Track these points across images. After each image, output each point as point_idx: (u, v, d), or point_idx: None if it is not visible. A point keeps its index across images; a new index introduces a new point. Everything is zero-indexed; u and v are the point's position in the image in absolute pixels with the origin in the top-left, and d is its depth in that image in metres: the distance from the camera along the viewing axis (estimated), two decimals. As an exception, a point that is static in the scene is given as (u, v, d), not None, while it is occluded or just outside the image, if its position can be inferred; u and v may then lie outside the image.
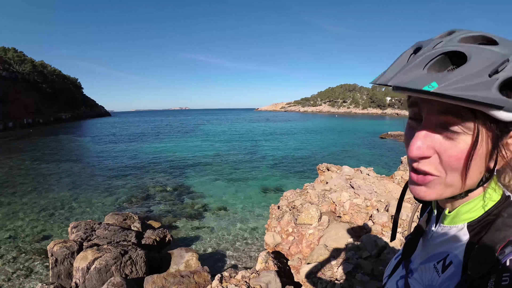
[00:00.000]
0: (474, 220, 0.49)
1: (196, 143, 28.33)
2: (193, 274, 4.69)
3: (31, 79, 69.51)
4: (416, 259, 0.60)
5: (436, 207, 0.59)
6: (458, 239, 0.50)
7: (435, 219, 0.58)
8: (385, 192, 4.48)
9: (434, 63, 0.42)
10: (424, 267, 0.56)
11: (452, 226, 0.52)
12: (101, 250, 5.07)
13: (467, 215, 0.50)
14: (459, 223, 0.51)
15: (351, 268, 2.75)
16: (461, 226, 0.51)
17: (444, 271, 0.50)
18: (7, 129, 46.50)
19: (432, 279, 0.52)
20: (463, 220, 0.50)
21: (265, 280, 3.16)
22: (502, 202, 0.48)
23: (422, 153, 0.45)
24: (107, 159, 19.52)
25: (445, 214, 0.54)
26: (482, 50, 0.40)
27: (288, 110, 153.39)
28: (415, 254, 0.62)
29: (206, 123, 65.48)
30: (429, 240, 0.58)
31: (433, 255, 0.55)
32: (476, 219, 0.49)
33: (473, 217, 0.49)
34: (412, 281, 0.58)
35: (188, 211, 9.74)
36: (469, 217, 0.50)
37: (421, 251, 0.60)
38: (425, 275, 0.55)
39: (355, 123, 58.30)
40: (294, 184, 11.73)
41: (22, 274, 6.08)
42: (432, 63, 0.42)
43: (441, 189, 0.47)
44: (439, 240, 0.55)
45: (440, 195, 0.47)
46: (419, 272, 0.57)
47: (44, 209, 9.93)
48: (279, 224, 4.10)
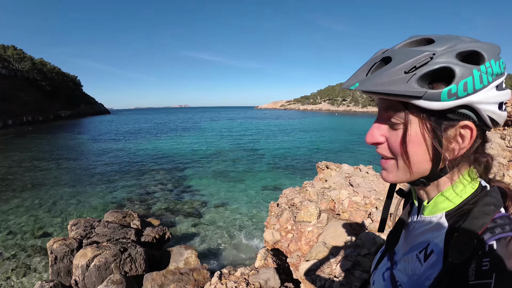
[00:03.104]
0: (452, 209, 0.51)
1: (195, 140, 28.31)
2: (193, 271, 4.71)
3: (31, 77, 69.36)
4: (400, 251, 0.62)
5: (417, 199, 0.60)
6: (437, 228, 0.52)
7: (416, 211, 0.60)
8: (384, 190, 4.48)
9: (374, 68, 0.51)
10: (407, 257, 0.57)
11: (432, 216, 0.54)
12: (101, 248, 5.08)
13: (444, 204, 0.52)
14: (437, 212, 0.53)
15: (350, 265, 2.75)
16: (439, 215, 0.53)
17: (426, 260, 0.51)
18: (6, 127, 46.45)
19: (415, 268, 0.54)
20: (441, 210, 0.52)
21: (264, 277, 3.17)
22: (479, 192, 0.51)
23: (374, 139, 0.54)
24: (106, 156, 19.52)
25: (424, 205, 0.56)
26: (407, 51, 0.48)
27: (288, 108, 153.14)
28: (398, 245, 0.64)
29: (205, 121, 65.40)
30: (411, 231, 0.60)
31: (414, 245, 0.56)
32: (453, 208, 0.51)
33: (450, 206, 0.52)
34: (396, 272, 0.59)
35: (188, 209, 9.76)
36: (446, 206, 0.52)
37: (404, 242, 0.62)
38: (408, 265, 0.56)
39: (354, 121, 58.27)
40: (293, 182, 11.76)
41: (21, 272, 6.09)
42: (373, 68, 0.51)
43: (395, 172, 0.53)
44: (420, 230, 0.56)
45: (395, 177, 0.54)
46: (403, 263, 0.58)
47: (43, 207, 9.94)
48: (278, 221, 4.11)
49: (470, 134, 0.47)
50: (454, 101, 0.44)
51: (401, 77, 0.46)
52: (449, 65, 0.44)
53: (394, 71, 0.46)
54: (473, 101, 0.45)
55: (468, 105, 0.45)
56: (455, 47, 0.45)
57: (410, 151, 0.49)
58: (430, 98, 0.44)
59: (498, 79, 0.45)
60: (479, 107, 0.45)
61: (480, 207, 0.47)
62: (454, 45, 0.45)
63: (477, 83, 0.44)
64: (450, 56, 0.45)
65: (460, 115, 0.46)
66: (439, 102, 0.44)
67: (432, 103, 0.45)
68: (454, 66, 0.44)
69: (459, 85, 0.44)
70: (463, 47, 0.45)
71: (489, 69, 0.44)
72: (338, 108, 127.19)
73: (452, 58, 0.44)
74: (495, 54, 0.46)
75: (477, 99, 0.44)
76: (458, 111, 0.46)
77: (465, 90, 0.44)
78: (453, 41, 0.46)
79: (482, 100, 0.45)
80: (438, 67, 0.44)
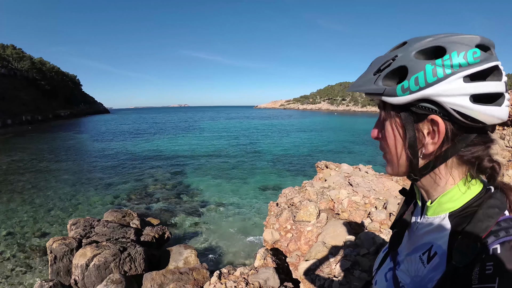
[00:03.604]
0: (455, 210, 0.51)
1: (195, 140, 28.30)
2: (192, 270, 4.71)
3: (30, 76, 69.15)
4: (403, 251, 0.62)
5: (420, 199, 0.60)
6: (440, 230, 0.52)
7: (420, 211, 0.60)
8: (384, 189, 4.48)
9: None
10: (410, 258, 0.57)
11: (435, 217, 0.54)
12: (100, 247, 5.08)
13: (448, 205, 0.52)
14: (441, 213, 0.53)
15: (349, 265, 2.76)
16: (443, 216, 0.52)
17: (429, 262, 0.51)
18: (6, 126, 46.31)
19: (418, 269, 0.54)
20: (445, 210, 0.52)
21: (264, 276, 3.17)
22: (483, 193, 0.50)
23: (374, 135, 0.59)
24: (106, 156, 19.50)
25: (428, 205, 0.56)
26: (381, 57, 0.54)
27: (287, 107, 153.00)
28: (401, 246, 0.64)
29: (205, 120, 65.36)
30: (414, 232, 0.60)
31: (418, 246, 0.56)
32: (457, 209, 0.51)
33: (454, 207, 0.51)
34: (399, 273, 0.60)
35: (187, 208, 9.76)
36: (450, 207, 0.52)
37: (407, 242, 0.62)
38: (411, 266, 0.56)
39: (354, 121, 58.29)
40: (293, 182, 11.75)
41: (21, 271, 6.09)
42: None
43: (391, 166, 0.57)
44: (423, 231, 0.56)
45: (391, 170, 0.57)
46: (406, 264, 0.58)
47: (43, 206, 9.94)
48: (278, 221, 4.11)
49: (437, 127, 0.47)
50: (409, 96, 0.47)
51: (370, 78, 0.53)
52: (403, 63, 0.49)
53: (367, 74, 0.55)
54: (430, 94, 0.45)
55: (428, 99, 0.46)
56: (415, 46, 0.49)
57: (390, 145, 0.54)
58: (388, 94, 0.50)
59: (465, 71, 0.44)
60: (439, 100, 0.45)
61: (485, 209, 0.46)
62: (414, 44, 0.49)
63: (429, 76, 0.45)
64: (407, 55, 0.49)
65: (425, 109, 0.48)
66: (396, 97, 0.49)
67: (392, 98, 0.50)
68: (407, 63, 0.48)
69: (411, 80, 0.47)
70: (422, 44, 0.48)
71: (446, 61, 0.45)
72: (337, 107, 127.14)
73: (409, 57, 0.48)
74: (464, 45, 0.45)
75: (434, 92, 0.45)
76: (419, 105, 0.48)
77: (416, 84, 0.46)
78: (417, 41, 0.49)
79: (441, 93, 0.45)
80: (396, 67, 0.50)
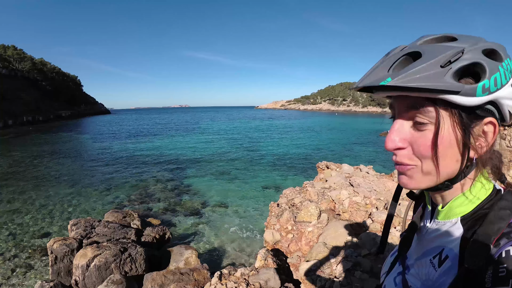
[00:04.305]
0: (467, 214, 0.50)
1: (195, 140, 28.31)
2: (193, 271, 4.70)
3: (31, 77, 69.38)
4: (412, 255, 0.61)
5: (430, 203, 0.59)
6: (452, 234, 0.51)
7: (430, 215, 0.59)
8: (385, 190, 4.47)
9: (398, 64, 0.47)
10: (420, 262, 0.56)
11: (446, 221, 0.53)
12: (101, 248, 5.08)
13: (460, 209, 0.51)
14: (452, 217, 0.52)
15: (350, 266, 2.75)
16: (454, 220, 0.52)
17: (441, 266, 0.51)
18: (7, 127, 46.46)
19: (428, 273, 0.53)
20: (456, 215, 0.51)
21: (264, 277, 3.16)
22: (493, 195, 0.50)
23: (395, 145, 0.49)
24: (106, 156, 19.52)
25: (439, 210, 0.55)
26: (436, 46, 0.46)
27: (288, 108, 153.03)
28: (410, 250, 0.63)
29: (206, 121, 65.39)
30: (424, 236, 0.59)
31: (428, 250, 0.55)
32: (468, 213, 0.50)
33: (465, 211, 0.51)
34: (409, 277, 0.59)
35: (188, 209, 9.76)
36: (461, 211, 0.51)
37: (416, 247, 0.61)
38: (421, 271, 0.55)
39: (355, 121, 58.25)
40: (294, 182, 11.74)
41: (21, 272, 6.09)
42: (396, 64, 0.47)
43: (420, 178, 0.49)
44: (433, 235, 0.55)
45: (420, 183, 0.50)
46: (416, 268, 0.58)
47: (43, 207, 9.95)
48: (279, 221, 4.10)
49: (493, 130, 0.46)
50: (486, 96, 0.44)
51: (437, 71, 0.43)
52: (479, 60, 0.44)
53: (428, 65, 0.44)
54: (500, 97, 0.45)
55: (494, 101, 0.45)
56: (478, 45, 0.45)
57: (441, 152, 0.46)
58: (466, 93, 0.43)
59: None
60: (502, 102, 0.45)
61: (496, 211, 0.46)
62: (477, 43, 0.45)
63: (503, 78, 0.44)
64: (477, 52, 0.44)
65: (486, 111, 0.46)
66: (474, 98, 0.43)
67: (468, 98, 0.43)
68: (484, 61, 0.44)
69: (491, 80, 0.43)
70: (484, 45, 0.45)
71: (508, 66, 0.45)
72: (338, 108, 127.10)
73: (480, 54, 0.44)
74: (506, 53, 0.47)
75: (502, 95, 0.45)
76: (485, 107, 0.45)
77: (495, 85, 0.44)
78: (474, 39, 0.46)
79: (506, 96, 0.45)
80: (470, 62, 0.43)
